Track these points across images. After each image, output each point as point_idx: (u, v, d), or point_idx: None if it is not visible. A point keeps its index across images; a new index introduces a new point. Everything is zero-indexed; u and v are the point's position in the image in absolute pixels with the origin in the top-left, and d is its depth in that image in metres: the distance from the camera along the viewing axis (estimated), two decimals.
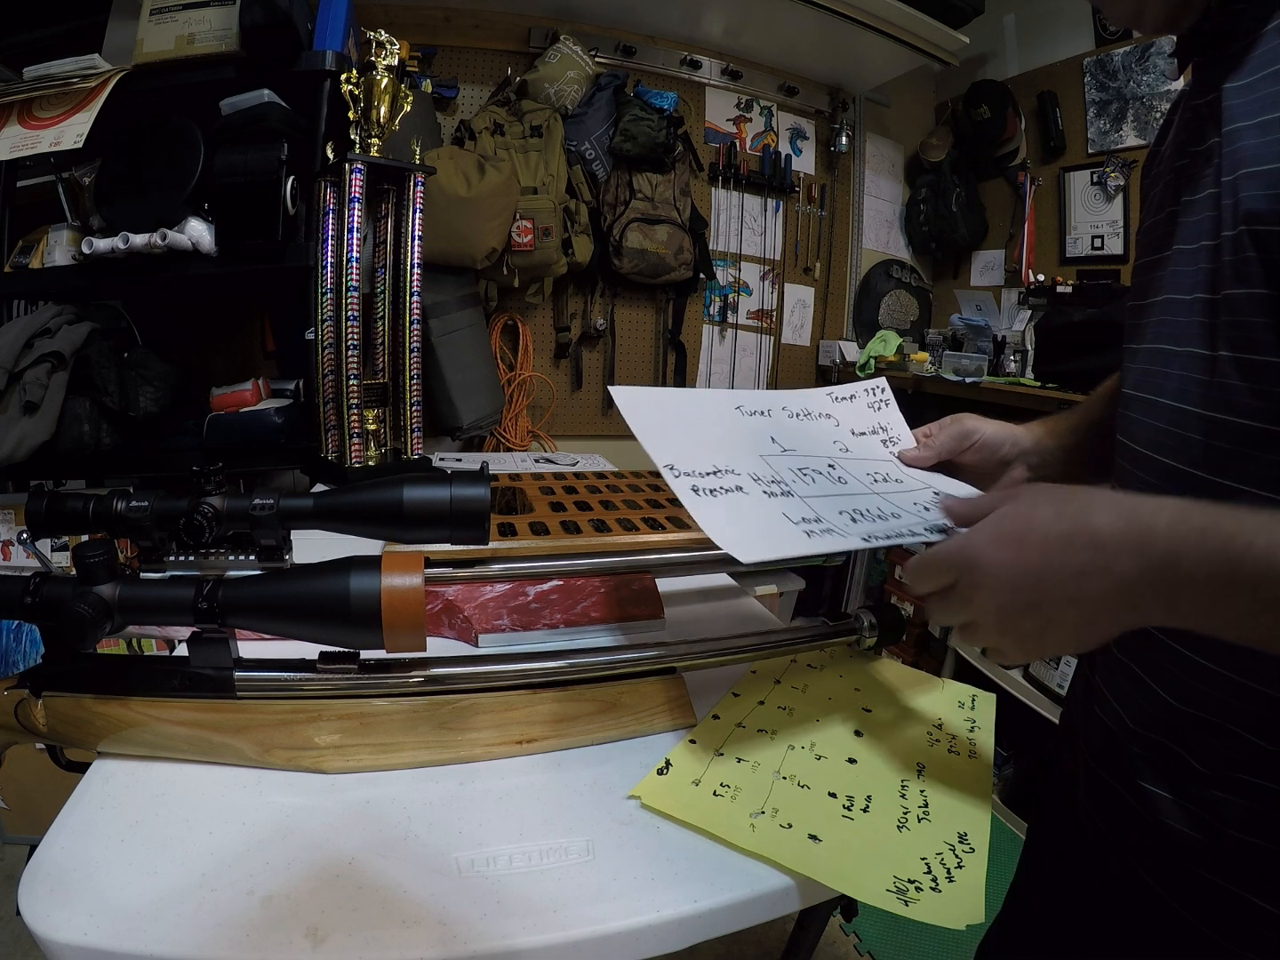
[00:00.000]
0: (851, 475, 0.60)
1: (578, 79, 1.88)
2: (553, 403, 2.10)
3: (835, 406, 0.69)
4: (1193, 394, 0.43)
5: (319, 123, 1.29)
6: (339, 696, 0.53)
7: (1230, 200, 0.40)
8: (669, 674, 0.62)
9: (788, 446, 0.61)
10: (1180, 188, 0.47)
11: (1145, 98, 1.84)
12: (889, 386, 0.72)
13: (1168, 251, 0.47)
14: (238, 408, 1.40)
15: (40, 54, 1.26)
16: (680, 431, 0.57)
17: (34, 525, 0.49)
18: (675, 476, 0.52)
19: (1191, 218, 0.44)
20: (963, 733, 0.61)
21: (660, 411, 0.59)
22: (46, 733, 0.50)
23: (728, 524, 0.49)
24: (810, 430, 0.65)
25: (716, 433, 0.59)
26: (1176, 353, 0.44)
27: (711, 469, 0.54)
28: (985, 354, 2.00)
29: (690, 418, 0.59)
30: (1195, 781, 0.43)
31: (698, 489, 0.52)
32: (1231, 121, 0.40)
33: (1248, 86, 0.40)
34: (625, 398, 0.58)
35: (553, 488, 0.95)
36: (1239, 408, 0.39)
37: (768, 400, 0.65)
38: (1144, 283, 0.51)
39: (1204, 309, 0.42)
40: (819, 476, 0.58)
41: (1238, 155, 0.39)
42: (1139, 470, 0.48)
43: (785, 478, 0.56)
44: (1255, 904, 0.40)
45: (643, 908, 0.42)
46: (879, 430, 0.68)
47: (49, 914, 0.39)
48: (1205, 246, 0.42)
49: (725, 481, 0.53)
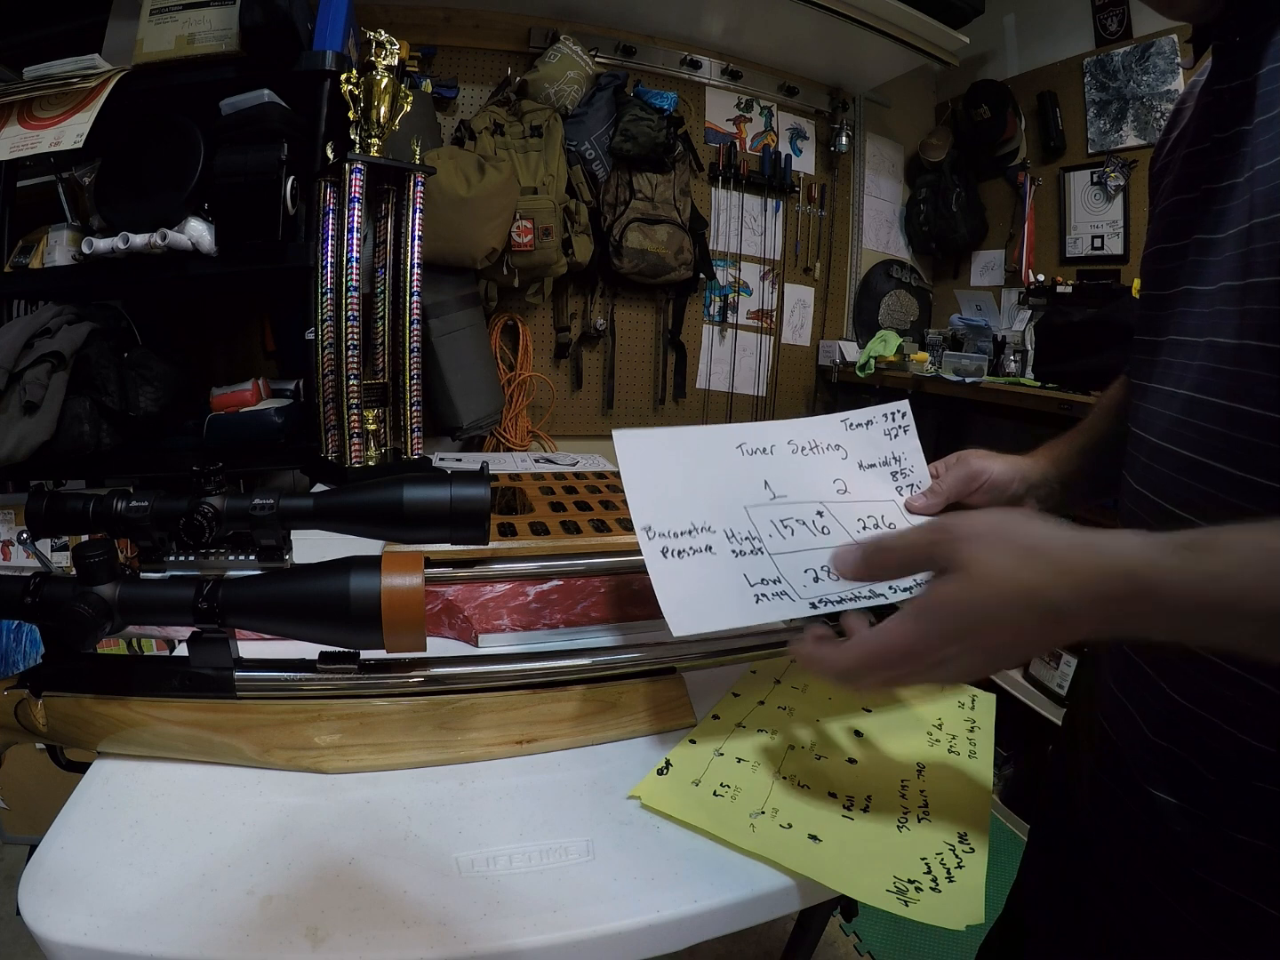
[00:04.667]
0: (838, 523, 0.61)
1: (578, 79, 1.88)
2: (553, 403, 2.10)
3: (848, 435, 0.67)
4: (1214, 385, 0.42)
5: (319, 123, 1.29)
6: (339, 696, 0.53)
7: (1265, 186, 0.39)
8: (669, 674, 0.62)
9: (780, 492, 0.61)
10: (1200, 175, 0.46)
11: (1145, 98, 1.84)
12: (910, 410, 0.69)
13: (1187, 240, 0.46)
14: (238, 408, 1.40)
15: (40, 54, 1.26)
16: (669, 481, 0.59)
17: (34, 525, 0.49)
18: (649, 539, 0.55)
19: (1216, 205, 0.43)
20: (963, 733, 0.61)
21: (657, 457, 0.60)
22: (46, 733, 0.50)
23: (681, 591, 0.53)
24: (811, 468, 0.64)
25: (709, 479, 0.60)
26: (1199, 344, 0.43)
27: (688, 527, 0.57)
28: (985, 354, 2.00)
29: (686, 462, 0.61)
30: (1203, 787, 0.43)
31: (667, 551, 0.55)
32: (1268, 109, 0.39)
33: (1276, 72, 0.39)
34: (625, 445, 0.59)
35: (553, 488, 0.95)
36: (1261, 398, 0.38)
37: (772, 435, 0.64)
38: (1159, 272, 0.50)
39: (1229, 297, 0.41)
40: (799, 528, 0.59)
41: (1274, 142, 0.39)
42: (1154, 463, 0.47)
43: (761, 532, 0.58)
44: (1262, 909, 0.40)
45: (643, 908, 0.42)
46: (891, 461, 0.67)
47: (49, 914, 0.39)
48: (1231, 235, 0.41)
49: (696, 541, 0.56)
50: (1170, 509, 0.45)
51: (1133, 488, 0.51)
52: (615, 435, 0.59)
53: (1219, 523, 0.41)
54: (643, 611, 0.75)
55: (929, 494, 0.64)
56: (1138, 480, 0.50)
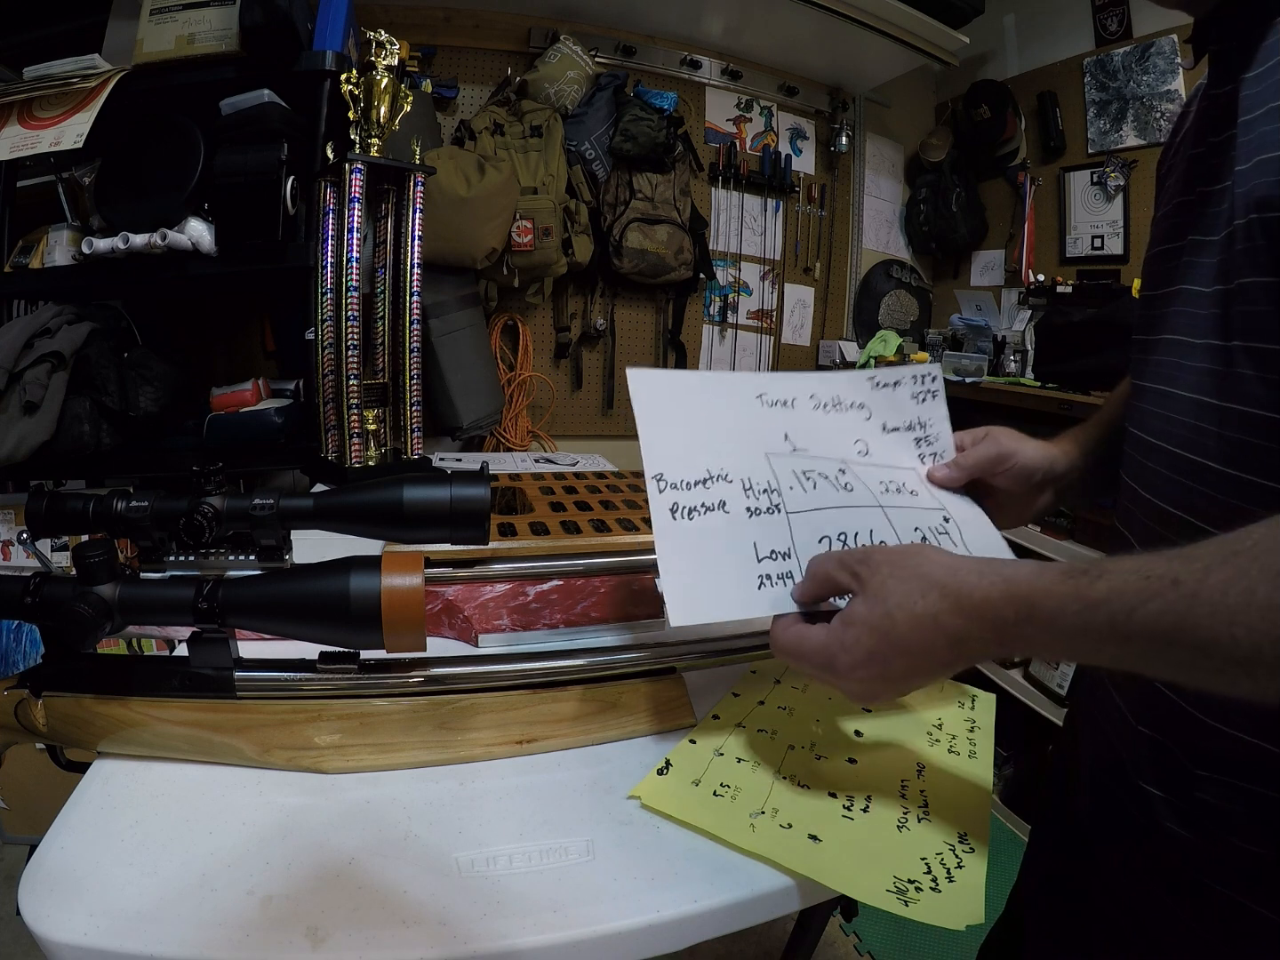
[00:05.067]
0: (861, 482, 0.58)
1: (578, 79, 1.88)
2: (553, 403, 2.10)
3: (873, 394, 0.64)
4: (1209, 385, 0.42)
5: (319, 123, 1.29)
6: (339, 696, 0.53)
7: (1243, 188, 0.39)
8: (669, 674, 0.62)
9: (800, 445, 0.59)
10: (1196, 178, 0.46)
11: (1145, 98, 1.84)
12: (941, 375, 0.67)
13: (1182, 241, 0.47)
14: (238, 408, 1.40)
15: (40, 54, 1.26)
16: (685, 424, 0.56)
17: (34, 525, 0.49)
18: (660, 490, 0.52)
19: (1210, 208, 0.44)
20: (963, 733, 0.61)
21: (671, 399, 0.57)
22: (46, 733, 0.50)
23: (685, 567, 0.51)
24: (832, 425, 0.62)
25: (725, 423, 0.57)
26: (1195, 345, 0.44)
27: (703, 475, 0.54)
28: (985, 354, 2.00)
29: (703, 406, 0.57)
30: (1190, 783, 0.43)
31: (677, 509, 0.52)
32: (1247, 111, 0.40)
33: (1260, 76, 0.40)
34: (639, 382, 0.56)
35: (553, 488, 0.95)
36: (1251, 397, 0.39)
37: (794, 388, 0.61)
38: (1158, 272, 0.50)
39: (1219, 300, 0.42)
40: (823, 483, 0.57)
41: (1252, 144, 0.39)
42: (1150, 461, 0.48)
43: (782, 483, 0.55)
44: (1253, 910, 0.40)
45: (643, 908, 0.42)
46: (916, 426, 0.64)
47: (49, 914, 0.39)
48: (1220, 237, 0.42)
49: (711, 495, 0.53)
50: (1165, 507, 0.46)
51: (1129, 486, 0.51)
52: (629, 374, 0.56)
53: (1214, 521, 0.41)
54: (643, 611, 0.75)
55: (952, 466, 0.63)
56: (1134, 479, 0.51)
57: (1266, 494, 0.38)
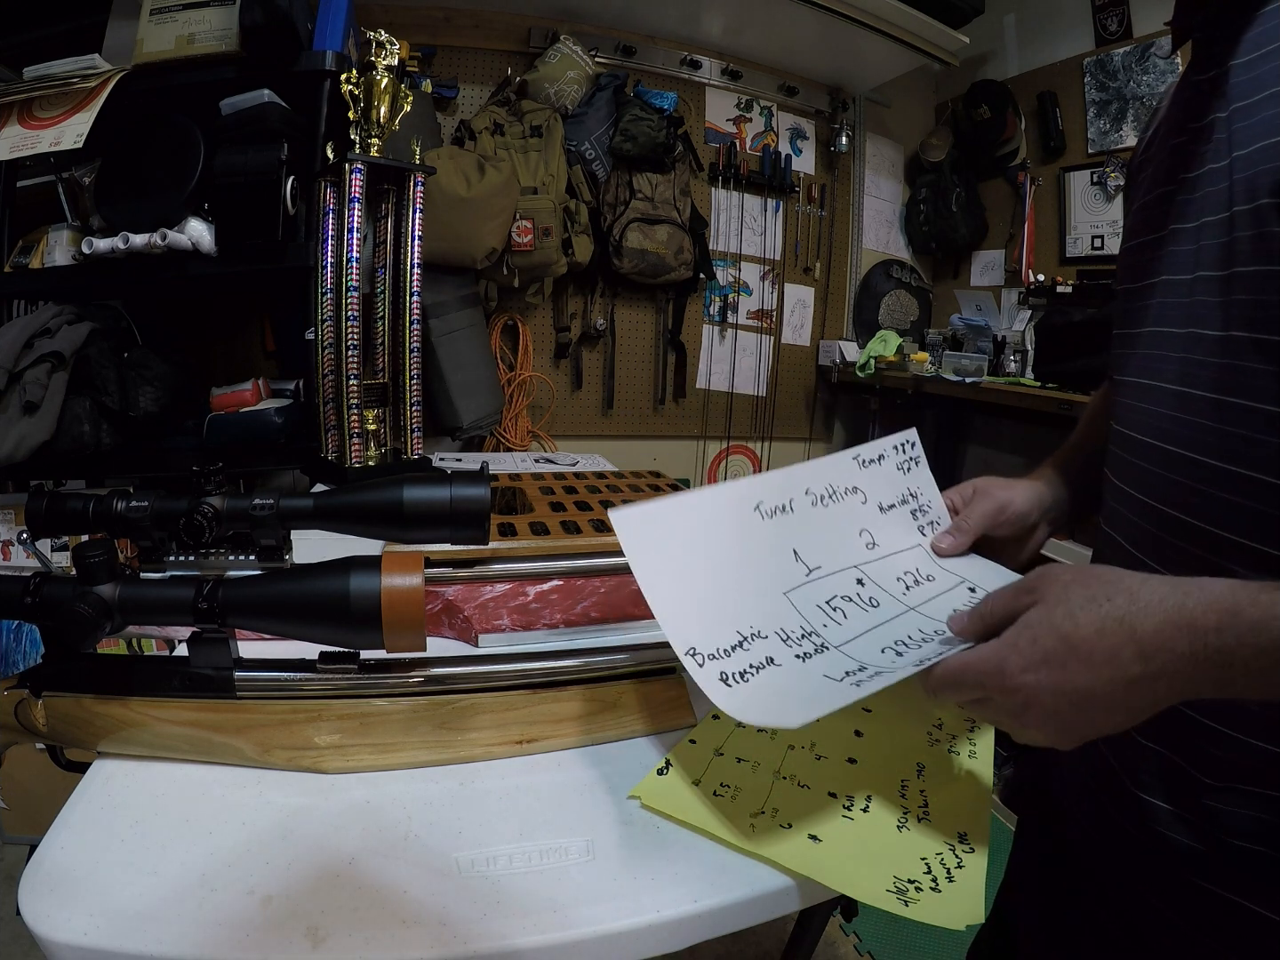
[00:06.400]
0: (883, 590, 0.57)
1: (578, 79, 1.88)
2: (553, 403, 2.10)
3: (861, 474, 0.64)
4: (1200, 378, 0.41)
5: (319, 123, 1.29)
6: (339, 696, 0.53)
7: (1246, 174, 0.38)
8: (669, 674, 0.62)
9: (813, 564, 0.57)
10: (1176, 166, 0.45)
11: (1145, 98, 1.84)
12: (918, 440, 0.67)
13: (1164, 231, 0.46)
14: (238, 408, 1.40)
15: (40, 54, 1.26)
16: (694, 576, 0.52)
17: (34, 525, 0.49)
18: (700, 666, 0.47)
19: (1192, 195, 0.43)
20: (963, 733, 0.61)
21: (670, 542, 0.53)
22: (46, 733, 0.50)
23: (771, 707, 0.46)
24: (835, 521, 0.60)
25: (736, 561, 0.54)
26: (1178, 335, 0.43)
27: (736, 640, 0.50)
28: (985, 354, 2.00)
29: (701, 536, 0.54)
30: (1198, 792, 0.42)
31: (727, 676, 0.47)
32: (1244, 97, 0.39)
33: (1253, 62, 0.39)
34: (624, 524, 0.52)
35: (553, 488, 0.95)
36: (1257, 391, 0.38)
37: (788, 487, 0.59)
38: (1136, 264, 0.49)
39: (1210, 287, 0.40)
40: (849, 606, 0.55)
41: (1254, 128, 0.38)
42: (1139, 459, 0.47)
43: (815, 623, 0.53)
44: (1257, 912, 0.40)
45: (643, 908, 0.42)
46: (909, 499, 0.64)
47: (49, 914, 0.39)
48: (1208, 223, 0.41)
49: (754, 655, 0.49)
50: (1156, 505, 0.45)
51: (1116, 485, 0.50)
52: (612, 516, 0.52)
53: (1211, 519, 0.40)
54: (643, 611, 0.75)
55: (955, 532, 0.61)
56: (1121, 477, 0.50)
57: (1269, 490, 0.37)
